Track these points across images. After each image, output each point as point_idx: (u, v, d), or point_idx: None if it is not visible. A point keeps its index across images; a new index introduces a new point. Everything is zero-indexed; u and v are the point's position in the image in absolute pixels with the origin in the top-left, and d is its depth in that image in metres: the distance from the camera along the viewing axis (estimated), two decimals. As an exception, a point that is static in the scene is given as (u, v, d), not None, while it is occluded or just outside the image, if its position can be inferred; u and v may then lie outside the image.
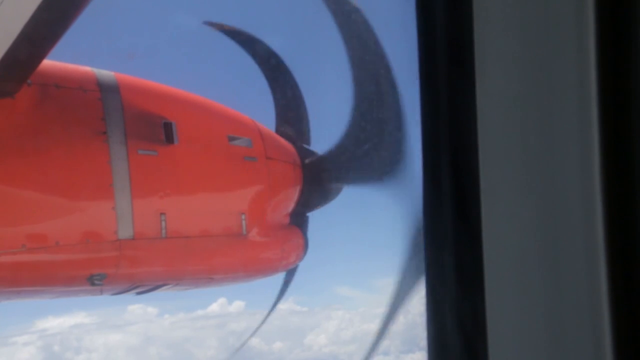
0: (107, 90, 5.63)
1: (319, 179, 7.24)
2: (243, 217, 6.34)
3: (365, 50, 6.93)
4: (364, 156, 7.00)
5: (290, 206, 7.09)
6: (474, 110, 1.49)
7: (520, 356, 1.47)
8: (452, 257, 1.63)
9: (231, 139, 6.36)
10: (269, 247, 7.00)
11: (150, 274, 6.25)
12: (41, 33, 4.19)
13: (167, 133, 5.77)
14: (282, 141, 7.06)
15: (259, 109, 7.73)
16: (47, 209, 5.28)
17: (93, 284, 5.67)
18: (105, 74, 5.84)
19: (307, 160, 7.12)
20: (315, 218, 7.51)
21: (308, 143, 7.48)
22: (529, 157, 1.46)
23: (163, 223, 5.70)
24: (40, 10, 3.72)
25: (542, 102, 1.44)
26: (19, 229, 5.24)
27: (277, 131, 7.37)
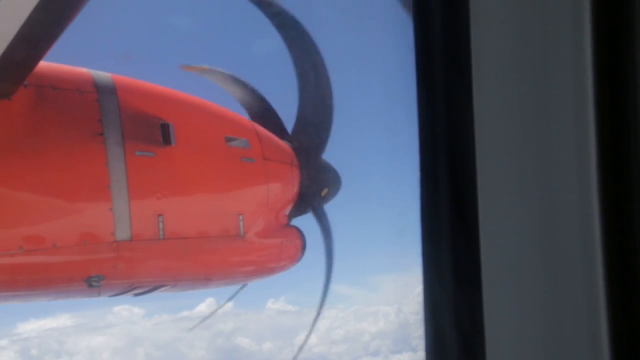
0: (104, 92, 5.62)
1: (316, 179, 7.23)
2: (241, 218, 6.33)
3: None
4: None
5: (288, 207, 7.08)
6: (471, 110, 1.50)
7: (517, 355, 1.47)
8: (449, 257, 1.63)
9: (229, 140, 6.36)
10: (267, 248, 7.00)
11: (148, 276, 6.24)
12: (38, 34, 4.18)
13: (165, 134, 5.77)
14: (280, 142, 7.05)
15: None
16: (44, 210, 5.27)
17: (91, 286, 5.67)
18: (102, 75, 5.83)
19: (305, 160, 7.10)
20: (313, 217, 7.49)
21: (324, 146, 7.36)
22: (526, 157, 1.46)
23: (161, 224, 5.70)
24: (37, 12, 3.72)
25: (539, 102, 1.44)
26: (17, 231, 5.23)
27: (295, 127, 7.29)
